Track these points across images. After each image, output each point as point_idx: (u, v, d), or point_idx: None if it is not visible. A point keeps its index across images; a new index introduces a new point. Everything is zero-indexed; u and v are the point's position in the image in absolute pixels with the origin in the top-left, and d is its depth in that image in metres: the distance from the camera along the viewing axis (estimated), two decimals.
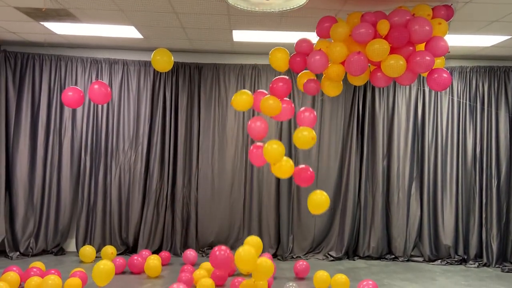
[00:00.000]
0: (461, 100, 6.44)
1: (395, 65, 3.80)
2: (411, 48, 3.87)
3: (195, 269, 5.12)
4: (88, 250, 5.95)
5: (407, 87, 6.53)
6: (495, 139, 6.39)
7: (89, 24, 5.27)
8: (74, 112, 6.34)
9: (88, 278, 4.80)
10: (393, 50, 3.83)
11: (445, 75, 3.91)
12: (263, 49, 6.34)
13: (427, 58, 3.77)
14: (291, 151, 6.50)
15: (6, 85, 6.19)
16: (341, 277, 4.85)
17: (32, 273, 4.73)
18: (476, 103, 6.46)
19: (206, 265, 5.19)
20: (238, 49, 6.37)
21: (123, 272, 5.46)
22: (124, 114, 6.45)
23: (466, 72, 6.51)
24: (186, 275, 4.94)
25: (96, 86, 4.21)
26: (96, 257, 6.02)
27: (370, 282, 4.65)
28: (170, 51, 4.19)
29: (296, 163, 6.46)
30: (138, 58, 6.43)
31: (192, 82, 6.54)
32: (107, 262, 4.35)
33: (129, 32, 5.56)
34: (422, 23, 3.72)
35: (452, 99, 6.48)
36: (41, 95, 6.30)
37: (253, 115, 6.51)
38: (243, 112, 6.54)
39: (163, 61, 4.04)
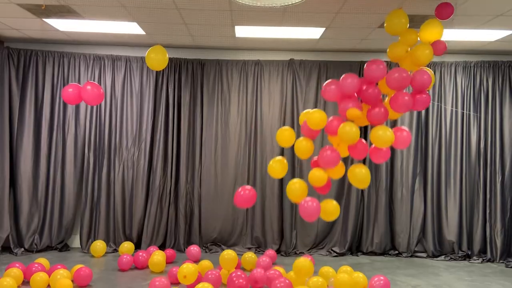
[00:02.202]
0: (454, 109, 6.42)
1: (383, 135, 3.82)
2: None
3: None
4: (98, 245, 6.02)
5: None
6: (499, 134, 6.35)
7: (91, 20, 5.27)
8: (77, 108, 6.35)
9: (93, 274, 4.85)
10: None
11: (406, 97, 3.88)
12: (266, 45, 6.33)
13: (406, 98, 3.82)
14: (293, 147, 6.48)
15: (10, 82, 6.21)
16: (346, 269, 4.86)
17: (33, 269, 4.76)
18: (480, 99, 6.42)
19: (205, 262, 5.26)
20: (240, 45, 6.35)
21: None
22: (127, 111, 6.45)
23: (471, 67, 6.46)
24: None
25: (88, 87, 4.14)
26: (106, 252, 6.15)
27: (382, 277, 4.52)
28: (172, 47, 4.10)
29: (299, 159, 6.47)
30: (140, 55, 6.42)
31: (194, 78, 6.54)
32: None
33: (131, 28, 5.56)
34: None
35: (444, 107, 6.46)
36: (44, 91, 6.31)
37: (255, 115, 6.50)
38: (246, 108, 6.54)
39: (157, 59, 3.95)
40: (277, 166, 4.24)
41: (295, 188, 4.09)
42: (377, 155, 4.08)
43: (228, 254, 5.00)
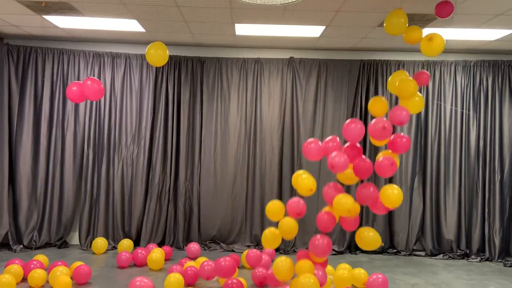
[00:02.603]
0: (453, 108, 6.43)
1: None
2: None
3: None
4: (99, 242, 6.04)
5: None
6: (498, 133, 6.36)
7: (91, 17, 5.27)
8: (76, 106, 6.35)
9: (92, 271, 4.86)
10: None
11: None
12: (266, 43, 6.33)
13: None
14: (293, 145, 6.50)
15: (9, 78, 6.20)
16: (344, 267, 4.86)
17: (32, 266, 4.77)
18: (480, 99, 6.43)
19: (202, 259, 5.25)
20: (240, 42, 6.35)
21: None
22: (127, 108, 6.45)
23: (470, 66, 6.47)
24: (177, 267, 4.96)
25: (89, 82, 4.15)
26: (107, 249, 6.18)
27: (380, 275, 4.51)
28: (172, 45, 4.09)
29: (299, 157, 6.49)
30: (140, 52, 6.42)
31: (194, 76, 6.53)
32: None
33: (131, 25, 5.55)
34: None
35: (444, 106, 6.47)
36: (44, 88, 6.30)
37: (255, 113, 6.51)
38: (246, 106, 6.54)
39: (157, 55, 3.92)
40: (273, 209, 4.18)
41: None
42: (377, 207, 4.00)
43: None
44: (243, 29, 5.62)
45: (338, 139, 4.05)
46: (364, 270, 4.79)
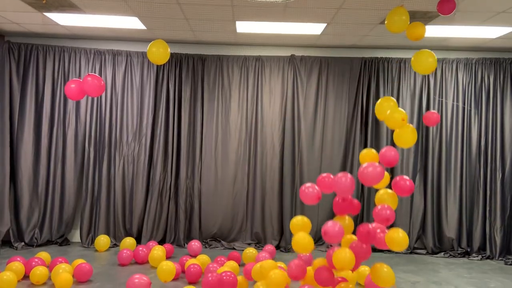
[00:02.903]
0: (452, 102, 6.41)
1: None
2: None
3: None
4: (102, 240, 6.07)
5: (412, 78, 6.49)
6: (500, 131, 6.35)
7: (92, 15, 5.26)
8: (78, 103, 6.35)
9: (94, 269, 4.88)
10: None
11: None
12: (267, 41, 6.32)
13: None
14: (294, 143, 6.50)
15: (10, 76, 6.20)
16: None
17: (33, 263, 4.78)
18: (481, 96, 6.41)
19: (202, 257, 5.30)
20: (241, 40, 6.34)
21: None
22: (128, 106, 6.45)
23: (472, 64, 6.45)
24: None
25: (89, 79, 4.14)
26: (110, 247, 6.21)
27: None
28: (173, 43, 4.09)
29: (300, 155, 6.49)
30: (141, 50, 6.41)
31: (195, 74, 6.53)
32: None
33: (132, 23, 5.55)
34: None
35: (443, 101, 6.45)
36: (45, 86, 6.31)
37: (256, 111, 6.50)
38: (247, 104, 6.54)
39: (158, 53, 3.90)
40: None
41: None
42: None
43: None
44: (244, 27, 5.61)
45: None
46: (369, 267, 4.76)
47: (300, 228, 3.96)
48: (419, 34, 3.89)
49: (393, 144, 6.46)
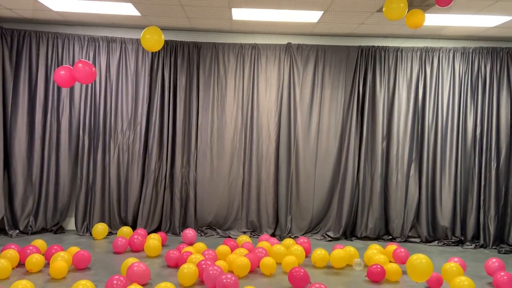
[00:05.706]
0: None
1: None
2: None
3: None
4: (100, 228, 6.06)
5: (409, 67, 6.47)
6: (495, 121, 6.35)
7: (85, 0, 5.18)
8: (71, 90, 6.29)
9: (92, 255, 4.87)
10: None
11: None
12: (263, 28, 6.26)
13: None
14: (290, 131, 6.48)
15: (3, 62, 6.12)
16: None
17: (28, 251, 4.77)
18: (478, 86, 6.41)
19: (199, 245, 5.32)
20: (237, 28, 6.27)
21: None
22: (122, 94, 6.39)
23: (469, 53, 6.42)
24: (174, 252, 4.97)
25: (80, 65, 4.06)
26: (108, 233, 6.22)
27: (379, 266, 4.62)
28: (168, 30, 4.03)
29: (296, 144, 6.48)
30: (136, 37, 6.33)
31: (191, 61, 6.47)
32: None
33: (126, 9, 5.47)
34: None
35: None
36: (38, 73, 6.23)
37: (252, 99, 6.47)
38: (242, 92, 6.50)
39: (152, 40, 3.85)
40: None
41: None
42: None
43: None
44: (240, 14, 5.54)
45: None
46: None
47: None
48: (418, 22, 3.84)
49: (389, 129, 6.49)
